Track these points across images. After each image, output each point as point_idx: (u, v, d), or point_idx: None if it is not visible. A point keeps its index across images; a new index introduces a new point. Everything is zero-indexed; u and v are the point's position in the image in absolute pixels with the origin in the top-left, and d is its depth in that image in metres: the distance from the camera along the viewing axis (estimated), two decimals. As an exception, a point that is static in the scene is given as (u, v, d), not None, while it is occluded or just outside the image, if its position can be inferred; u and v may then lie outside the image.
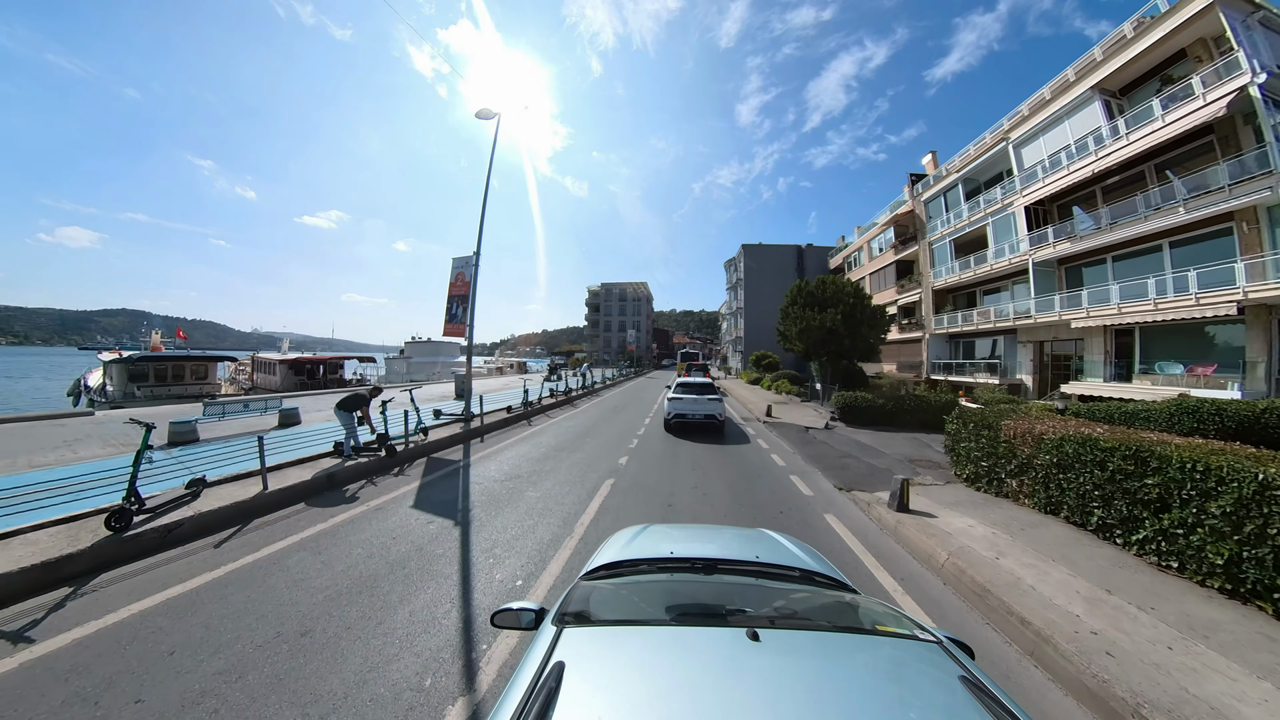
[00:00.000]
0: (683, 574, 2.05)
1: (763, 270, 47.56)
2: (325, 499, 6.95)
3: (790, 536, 2.67)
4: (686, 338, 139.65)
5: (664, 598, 1.84)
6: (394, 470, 8.41)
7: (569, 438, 11.21)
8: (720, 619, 1.54)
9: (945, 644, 1.36)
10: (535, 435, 11.51)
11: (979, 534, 5.06)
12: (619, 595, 1.86)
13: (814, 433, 12.28)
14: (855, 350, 17.47)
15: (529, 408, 15.01)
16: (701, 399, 12.77)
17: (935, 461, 8.98)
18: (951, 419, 7.79)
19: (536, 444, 10.42)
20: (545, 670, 1.15)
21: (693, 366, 35.91)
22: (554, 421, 13.83)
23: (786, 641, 1.31)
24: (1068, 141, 18.43)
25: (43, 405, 32.72)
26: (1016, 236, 20.25)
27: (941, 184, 24.90)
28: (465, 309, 12.18)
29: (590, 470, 8.10)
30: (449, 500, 6.66)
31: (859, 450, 9.89)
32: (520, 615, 1.88)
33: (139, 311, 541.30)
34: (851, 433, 12.38)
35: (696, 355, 54.17)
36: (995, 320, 20.98)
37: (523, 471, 7.99)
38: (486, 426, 11.98)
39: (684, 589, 1.93)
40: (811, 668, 1.23)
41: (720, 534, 2.80)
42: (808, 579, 2.04)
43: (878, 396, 13.47)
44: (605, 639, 1.36)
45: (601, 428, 12.80)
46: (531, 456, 9.09)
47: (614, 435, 11.68)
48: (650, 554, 2.24)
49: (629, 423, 14.03)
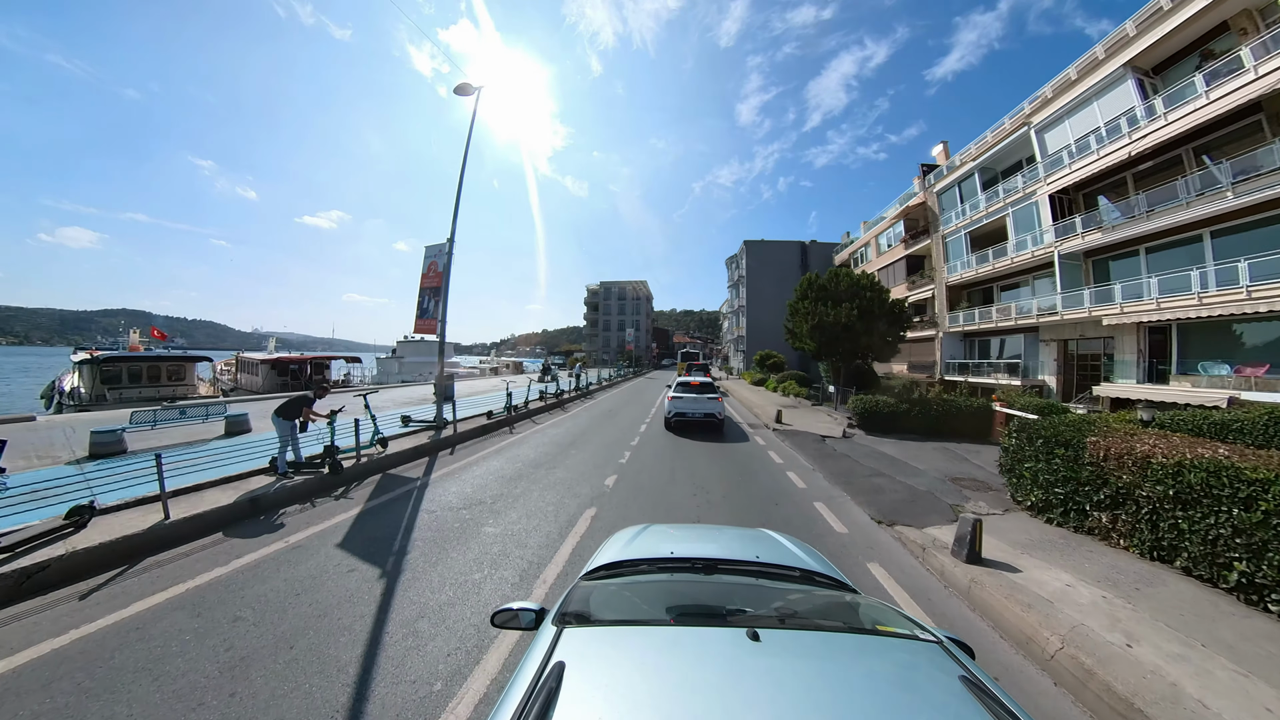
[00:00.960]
0: (683, 574, 2.04)
1: (765, 267, 46.24)
2: (243, 528, 5.68)
3: (790, 536, 2.59)
4: (687, 337, 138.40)
5: (664, 598, 1.82)
6: (337, 491, 7.10)
7: (552, 449, 9.87)
8: (720, 619, 1.53)
9: (946, 644, 1.34)
10: (514, 446, 10.17)
11: (1085, 599, 3.71)
12: (619, 595, 1.84)
13: (832, 443, 10.98)
14: (872, 348, 16.00)
15: (513, 413, 13.65)
16: (701, 398, 12.92)
17: (981, 481, 7.62)
18: (1009, 432, 6.43)
19: (513, 457, 9.07)
20: (545, 670, 1.15)
21: (693, 366, 35.26)
22: (539, 429, 12.48)
23: (787, 641, 1.30)
24: (1097, 124, 17.08)
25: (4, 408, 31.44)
26: (1040, 227, 18.89)
27: (956, 174, 23.52)
28: (438, 302, 10.84)
29: (569, 494, 6.75)
30: (386, 536, 5.32)
31: (888, 465, 8.55)
32: (520, 615, 1.86)
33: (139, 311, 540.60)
34: (873, 442, 11.03)
35: (697, 355, 53.27)
36: (1017, 317, 19.61)
37: (487, 495, 6.63)
38: (461, 435, 10.64)
39: (684, 589, 1.92)
40: (812, 668, 1.23)
41: (720, 534, 2.77)
42: (808, 579, 2.02)
43: (900, 400, 12.09)
44: (605, 639, 1.36)
45: (591, 436, 11.45)
46: (503, 474, 7.73)
47: (604, 446, 10.33)
48: (650, 554, 2.23)
49: (623, 430, 12.64)
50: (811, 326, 16.62)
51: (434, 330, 10.91)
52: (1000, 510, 5.97)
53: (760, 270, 46.52)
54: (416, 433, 10.50)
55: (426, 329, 11.08)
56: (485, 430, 11.67)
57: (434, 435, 10.26)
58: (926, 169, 26.53)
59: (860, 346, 15.94)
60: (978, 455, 9.78)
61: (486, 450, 9.65)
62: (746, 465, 8.77)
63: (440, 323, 10.81)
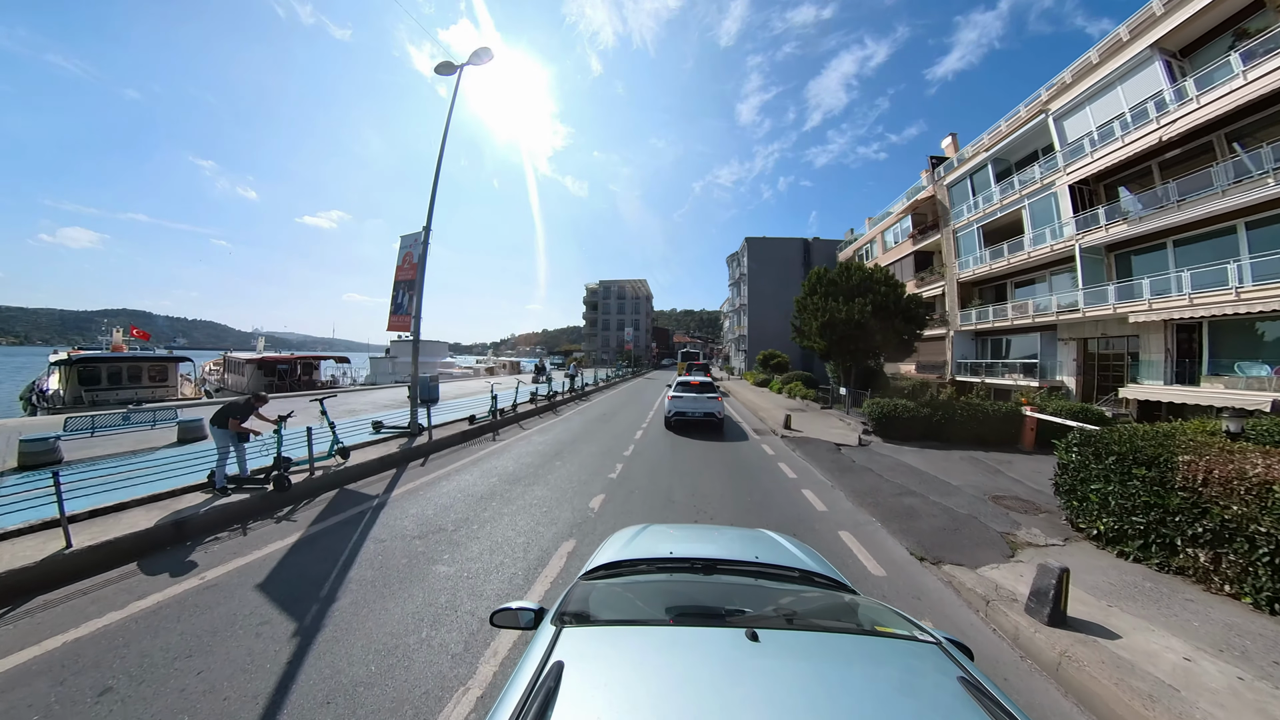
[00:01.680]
0: (682, 574, 2.02)
1: (767, 265, 45.27)
2: (159, 560, 4.79)
3: (790, 536, 2.59)
4: (687, 337, 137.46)
5: (663, 598, 1.80)
6: (281, 511, 6.16)
7: (535, 460, 8.87)
8: (720, 619, 1.52)
9: (944, 645, 1.34)
10: (494, 456, 9.19)
11: (1217, 681, 2.75)
12: (618, 595, 1.82)
13: (848, 452, 9.94)
14: (887, 347, 14.93)
15: (498, 417, 12.68)
16: (701, 397, 12.95)
17: (1027, 500, 6.62)
18: (1067, 446, 5.47)
19: (489, 470, 8.09)
20: (544, 670, 1.14)
21: (693, 366, 34.74)
22: (525, 435, 11.49)
23: (786, 642, 1.30)
24: (1121, 110, 16.09)
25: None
26: (1059, 220, 17.90)
27: (967, 165, 22.53)
28: (412, 296, 9.87)
29: (545, 521, 5.73)
30: (319, 575, 4.38)
31: (916, 481, 7.54)
32: (519, 615, 1.84)
33: (140, 312, 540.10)
34: (893, 451, 10.02)
35: (697, 355, 52.45)
36: (1034, 315, 18.63)
37: (450, 520, 5.65)
38: (437, 443, 9.68)
39: (683, 589, 1.90)
40: (810, 668, 1.23)
41: (720, 534, 2.81)
42: (807, 579, 2.01)
43: (921, 404, 11.08)
44: (604, 639, 1.35)
45: (581, 445, 10.43)
46: (473, 492, 6.76)
47: (594, 456, 9.30)
48: (650, 554, 2.20)
49: (616, 437, 11.60)
50: (821, 324, 15.57)
51: (408, 327, 9.93)
52: (1060, 540, 5.01)
53: (762, 268, 45.52)
54: (388, 440, 9.54)
55: (400, 326, 10.10)
56: (466, 437, 10.70)
57: (406, 443, 9.30)
58: (935, 161, 25.54)
59: (874, 345, 14.86)
60: (1010, 466, 8.81)
61: (462, 461, 8.68)
62: (755, 481, 7.78)
63: (414, 319, 9.83)
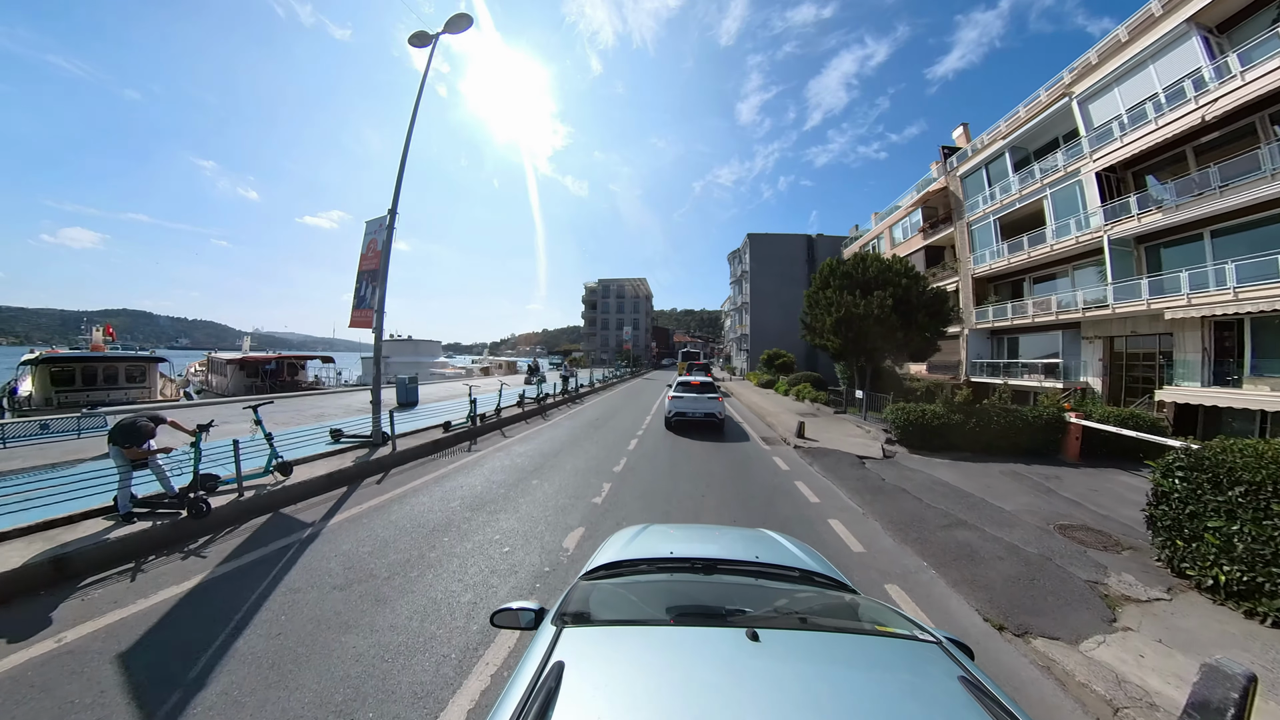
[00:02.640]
0: (682, 574, 2.01)
1: (770, 262, 44.13)
2: (23, 610, 3.80)
3: (790, 536, 2.56)
4: (687, 336, 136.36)
5: (664, 598, 1.79)
6: (192, 544, 5.08)
7: (510, 477, 7.68)
8: (720, 619, 1.51)
9: (945, 644, 1.33)
10: (463, 471, 8.00)
11: None
12: (618, 595, 1.82)
13: (873, 466, 8.69)
14: (910, 346, 13.69)
15: (478, 423, 11.56)
16: (702, 397, 12.85)
17: (1101, 531, 5.47)
18: (1167, 469, 4.34)
19: (452, 491, 6.92)
20: (545, 670, 1.13)
21: (694, 366, 34.14)
22: (505, 445, 10.32)
23: (786, 642, 1.29)
24: (1154, 90, 14.94)
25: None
26: (1084, 210, 16.75)
27: (982, 154, 21.37)
28: (375, 288, 8.76)
29: (505, 567, 4.49)
30: (203, 640, 3.33)
31: (963, 505, 6.37)
32: (520, 615, 1.84)
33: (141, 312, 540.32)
34: (924, 464, 8.82)
35: (698, 355, 51.51)
36: (1057, 312, 17.48)
37: (383, 564, 4.50)
38: (402, 455, 8.56)
39: (684, 589, 1.89)
40: (811, 668, 1.22)
41: (720, 534, 2.79)
42: (807, 579, 2.00)
43: (951, 410, 9.89)
44: (605, 639, 1.34)
45: (566, 458, 9.17)
46: (426, 522, 5.62)
47: (579, 473, 8.04)
48: (650, 554, 2.18)
49: (608, 448, 10.28)
50: (836, 320, 14.11)
51: (370, 324, 8.80)
52: (1163, 591, 3.89)
53: (764, 265, 44.37)
54: (346, 451, 8.43)
55: (362, 322, 8.97)
56: (438, 447, 9.57)
57: (365, 455, 8.19)
58: (947, 151, 24.39)
59: (895, 344, 13.62)
60: (1060, 483, 7.68)
61: (426, 478, 7.53)
62: (771, 507, 6.57)
63: (377, 313, 8.70)
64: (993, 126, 21.13)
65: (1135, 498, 7.16)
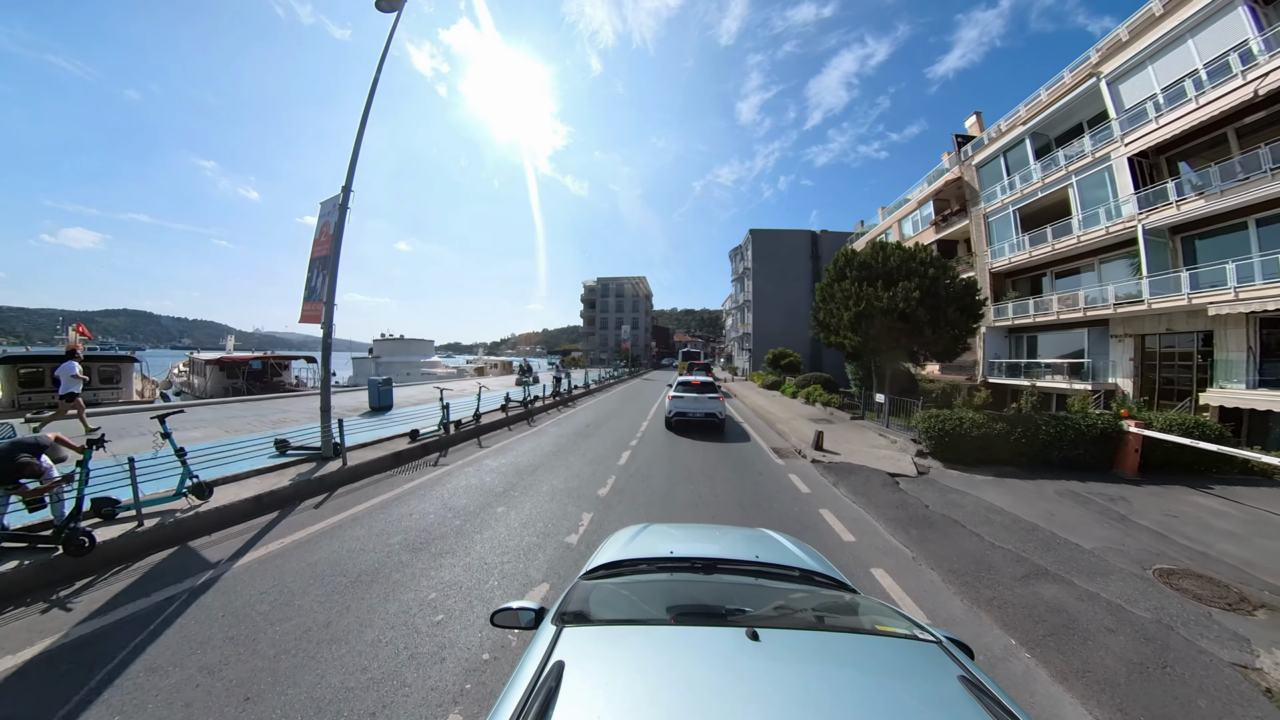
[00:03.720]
0: (682, 573, 1.99)
1: (773, 258, 42.90)
2: None
3: (790, 536, 2.55)
4: (688, 336, 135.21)
5: (664, 597, 1.78)
6: (65, 589, 3.95)
7: (471, 503, 6.33)
8: (720, 619, 1.50)
9: (945, 644, 1.32)
10: (418, 494, 6.69)
11: None
12: (619, 594, 1.81)
13: (910, 487, 7.35)
14: (938, 344, 12.38)
15: (450, 431, 10.36)
16: (702, 398, 12.71)
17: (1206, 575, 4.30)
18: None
19: (396, 522, 5.61)
20: (545, 669, 1.12)
21: (694, 366, 33.23)
22: (477, 458, 9.03)
23: (786, 641, 1.29)
24: (1193, 66, 13.72)
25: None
26: (1115, 198, 15.54)
27: (1000, 142, 20.16)
28: (326, 277, 7.58)
29: (432, 652, 3.09)
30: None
31: (1027, 539, 5.18)
32: (520, 614, 1.83)
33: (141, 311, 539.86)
34: (966, 484, 7.52)
35: (698, 354, 50.53)
36: (1085, 308, 16.27)
37: (272, 639, 3.26)
38: (355, 470, 7.39)
39: (684, 589, 1.88)
40: (811, 668, 1.21)
41: (720, 534, 2.76)
42: (807, 579, 1.99)
43: (992, 418, 8.60)
44: (605, 638, 1.33)
45: (545, 476, 7.79)
46: (353, 567, 4.38)
47: (557, 498, 6.63)
48: (650, 553, 2.16)
49: (595, 463, 8.72)
50: (854, 315, 12.65)
51: (320, 317, 7.61)
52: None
53: (767, 262, 43.12)
54: (289, 466, 7.26)
55: (312, 316, 7.79)
56: (400, 460, 8.37)
57: (309, 472, 7.01)
58: (961, 140, 23.18)
59: (922, 342, 12.32)
60: (1130, 507, 6.48)
61: (373, 501, 6.32)
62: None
63: (326, 306, 7.51)
64: (1011, 112, 19.92)
65: (1222, 525, 5.98)
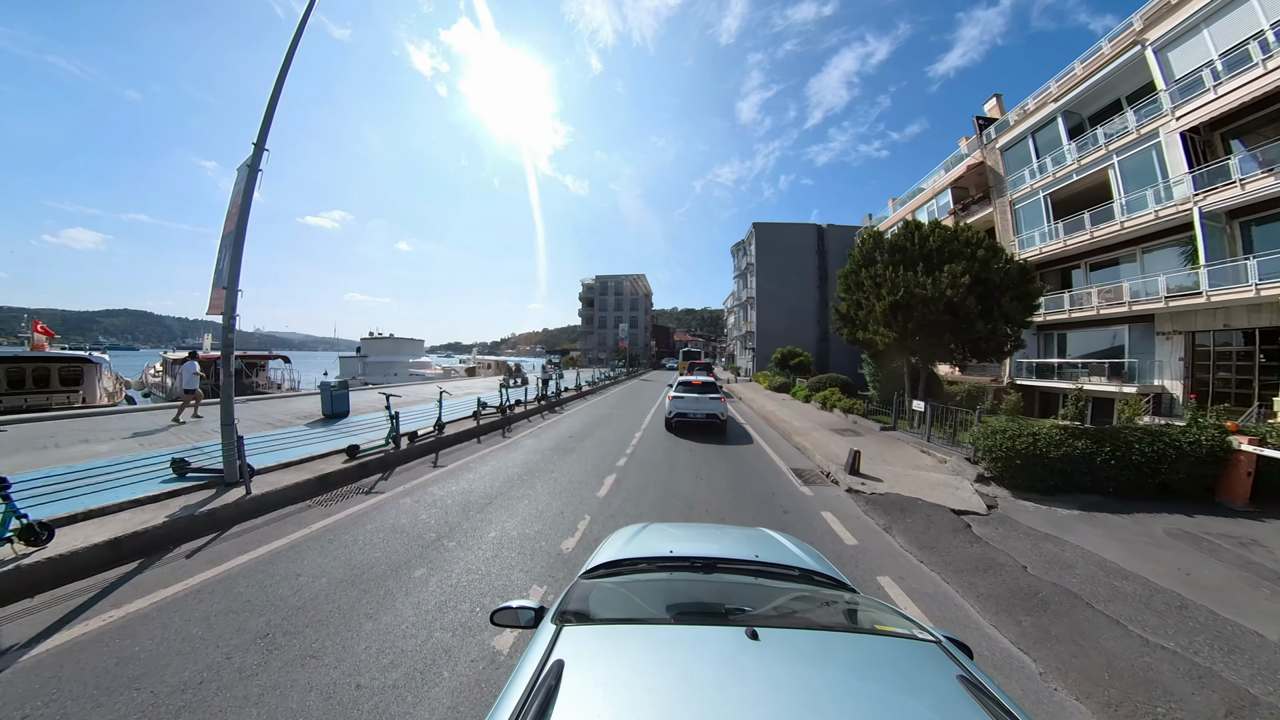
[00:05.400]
0: (682, 573, 1.99)
1: (778, 253, 41.25)
2: None
3: (790, 536, 2.56)
4: (688, 335, 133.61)
5: (663, 596, 1.80)
6: None
7: (388, 556, 4.60)
8: (720, 618, 1.50)
9: (944, 644, 1.33)
10: (328, 537, 5.04)
11: None
12: (618, 593, 1.80)
13: (984, 530, 5.54)
14: (992, 339, 10.30)
15: (399, 446, 8.61)
16: (703, 398, 12.43)
17: None
18: None
19: (281, 584, 4.02)
20: (545, 668, 1.12)
21: (695, 365, 31.88)
22: (424, 481, 7.32)
23: (785, 640, 1.28)
24: (1259, 26, 12.10)
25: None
26: (1165, 178, 13.91)
27: (1029, 121, 18.51)
28: (230, 258, 6.02)
29: None
30: None
31: (1193, 630, 3.53)
32: (519, 613, 1.83)
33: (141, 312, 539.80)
34: (1051, 522, 5.79)
35: (699, 354, 49.09)
36: (1130, 301, 14.65)
37: None
38: (262, 501, 5.82)
39: (683, 588, 1.88)
40: (810, 667, 1.21)
41: (720, 533, 2.78)
42: (807, 578, 1.99)
43: (1072, 433, 6.88)
44: (605, 637, 1.33)
45: (495, 514, 5.74)
46: (177, 677, 2.79)
47: (505, 550, 4.75)
48: (650, 552, 2.17)
49: (568, 491, 6.81)
50: (889, 306, 10.53)
51: (221, 308, 6.04)
52: None
53: (771, 257, 41.46)
54: (177, 495, 5.70)
55: (217, 307, 6.23)
56: (326, 485, 6.79)
57: (203, 502, 5.46)
58: (983, 123, 21.53)
59: (971, 337, 10.25)
60: (1269, 553, 4.86)
61: (267, 548, 4.72)
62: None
63: (228, 291, 5.94)
64: (1040, 89, 18.26)
65: None
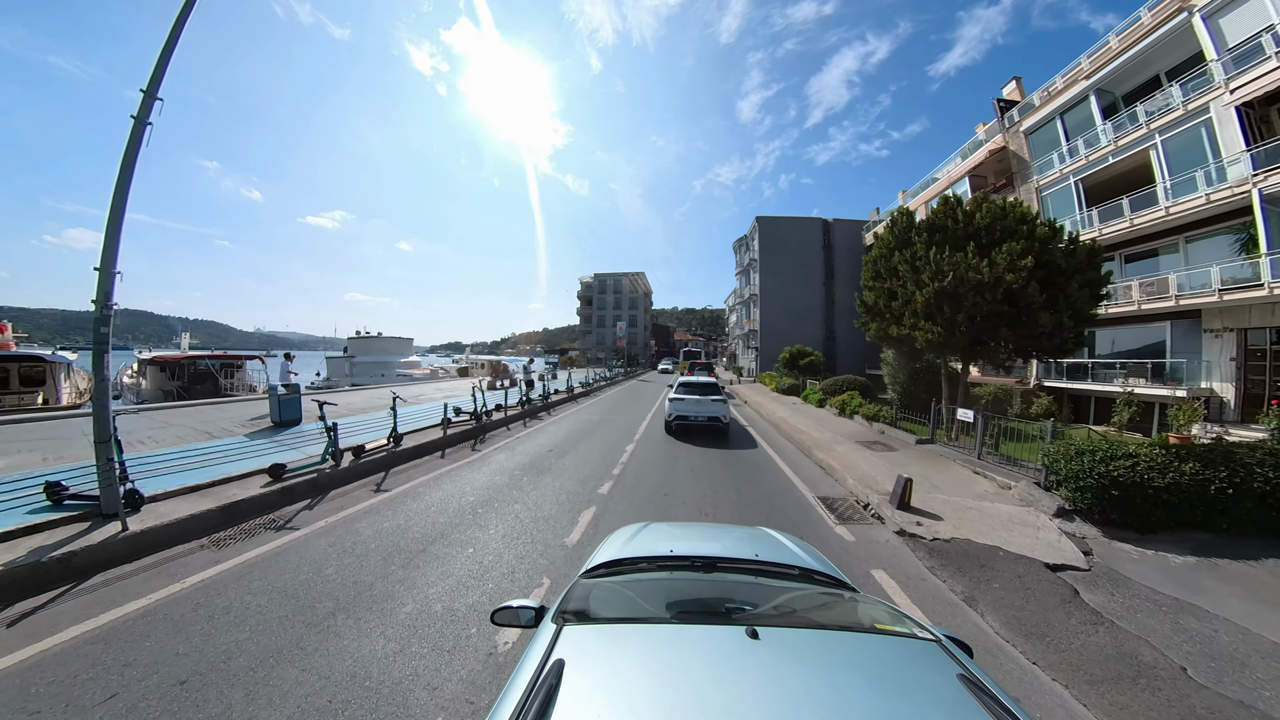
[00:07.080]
0: (682, 572, 2.00)
1: (782, 249, 39.90)
2: None
3: (790, 535, 2.54)
4: (689, 334, 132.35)
5: (664, 595, 1.80)
6: None
7: (274, 636, 3.20)
8: (720, 617, 1.51)
9: (944, 643, 1.33)
10: (213, 592, 3.85)
11: None
12: (619, 593, 1.81)
13: (1094, 598, 4.07)
14: (1057, 334, 8.49)
15: (339, 464, 7.20)
16: (705, 400, 12.00)
17: None
18: None
19: (129, 659, 2.83)
20: (545, 668, 1.12)
21: (696, 365, 30.67)
22: (361, 510, 5.92)
23: (786, 639, 1.29)
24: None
25: None
26: (1219, 157, 12.58)
27: (1057, 101, 17.16)
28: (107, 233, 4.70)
29: None
30: None
31: None
32: (520, 613, 1.83)
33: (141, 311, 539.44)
34: (1178, 581, 4.42)
35: (699, 354, 47.90)
36: (1176, 295, 13.32)
37: None
38: (147, 537, 4.52)
39: (684, 587, 1.89)
40: (810, 666, 1.21)
41: (721, 532, 2.76)
42: (807, 577, 1.99)
43: (1176, 456, 5.39)
44: (605, 637, 1.33)
45: (430, 568, 4.25)
46: None
47: (432, 632, 3.23)
48: (650, 552, 2.16)
49: (531, 532, 5.26)
50: (934, 293, 8.78)
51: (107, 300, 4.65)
52: None
53: (776, 253, 40.10)
54: (43, 529, 4.39)
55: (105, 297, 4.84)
56: (231, 518, 5.43)
57: (65, 541, 4.15)
58: (1004, 106, 20.19)
59: (1033, 332, 8.45)
60: None
61: (118, 612, 3.39)
62: None
63: (103, 273, 4.58)
64: (1070, 65, 16.92)
65: None
